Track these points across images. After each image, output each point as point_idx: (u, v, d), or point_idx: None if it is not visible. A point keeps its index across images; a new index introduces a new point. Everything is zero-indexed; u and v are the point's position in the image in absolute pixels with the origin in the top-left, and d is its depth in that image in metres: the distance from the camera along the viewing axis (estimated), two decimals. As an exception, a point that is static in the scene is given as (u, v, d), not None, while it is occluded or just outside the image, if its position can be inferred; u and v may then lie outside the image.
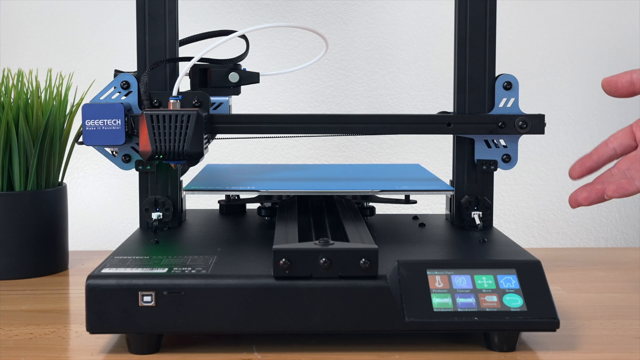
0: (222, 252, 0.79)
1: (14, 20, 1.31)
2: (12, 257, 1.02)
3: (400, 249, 0.81)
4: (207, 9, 1.32)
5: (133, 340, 0.73)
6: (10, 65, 1.12)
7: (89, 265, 1.06)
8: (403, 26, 1.34)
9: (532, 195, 1.37)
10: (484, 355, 0.73)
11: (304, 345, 0.75)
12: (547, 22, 1.34)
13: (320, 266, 0.71)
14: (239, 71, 0.93)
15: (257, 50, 1.29)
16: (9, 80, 1.03)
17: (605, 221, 1.37)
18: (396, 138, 1.35)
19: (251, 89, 1.21)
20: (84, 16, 1.32)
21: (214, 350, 0.74)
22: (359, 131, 0.91)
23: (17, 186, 1.02)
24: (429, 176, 0.99)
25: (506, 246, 0.83)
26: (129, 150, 0.89)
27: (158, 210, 0.91)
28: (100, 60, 1.31)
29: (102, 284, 0.71)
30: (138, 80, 0.88)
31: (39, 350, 0.75)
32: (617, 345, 0.76)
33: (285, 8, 1.33)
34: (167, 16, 0.89)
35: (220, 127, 0.89)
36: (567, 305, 0.89)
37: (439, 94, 1.34)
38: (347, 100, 1.34)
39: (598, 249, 1.33)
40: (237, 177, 0.99)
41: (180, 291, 0.71)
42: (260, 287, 0.71)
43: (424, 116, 0.91)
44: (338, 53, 1.34)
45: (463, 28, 0.91)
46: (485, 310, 0.72)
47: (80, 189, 1.34)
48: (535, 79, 1.34)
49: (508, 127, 0.89)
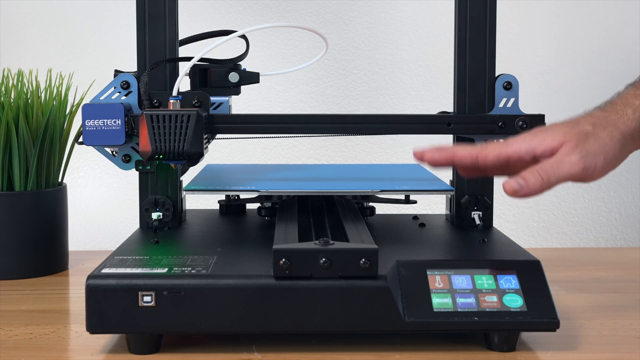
0: (222, 252, 0.79)
1: (14, 20, 1.31)
2: (12, 257, 1.02)
3: (400, 249, 0.81)
4: (207, 9, 1.32)
5: (133, 340, 0.73)
6: (10, 65, 1.12)
7: (89, 265, 1.06)
8: (403, 26, 1.34)
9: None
10: (484, 355, 0.73)
11: (304, 345, 0.75)
12: (547, 22, 1.34)
13: (320, 266, 0.71)
14: (239, 71, 0.93)
15: (257, 50, 1.29)
16: (9, 80, 1.03)
17: (605, 221, 1.37)
18: (396, 138, 1.34)
19: (251, 89, 1.21)
20: (84, 16, 1.32)
21: (214, 350, 0.74)
22: (359, 131, 0.91)
23: (17, 186, 1.02)
24: (429, 176, 0.99)
25: (506, 246, 0.83)
26: (129, 150, 0.89)
27: (158, 210, 0.91)
28: (100, 60, 1.31)
29: (102, 284, 0.71)
30: (138, 80, 0.88)
31: (39, 350, 0.75)
32: (617, 345, 0.76)
33: (285, 8, 1.33)
34: (167, 16, 0.89)
35: (220, 127, 0.89)
36: (567, 305, 0.89)
37: (439, 94, 1.34)
38: (347, 100, 1.34)
39: (598, 249, 1.33)
40: (237, 177, 0.99)
41: (180, 291, 0.71)
42: (260, 287, 0.71)
43: (424, 116, 0.91)
44: (338, 53, 1.34)
45: (463, 28, 0.91)
46: (485, 310, 0.72)
47: (80, 189, 1.34)
48: (535, 79, 1.34)
49: (508, 127, 0.89)
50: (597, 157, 0.75)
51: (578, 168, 0.74)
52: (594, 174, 0.76)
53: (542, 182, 0.73)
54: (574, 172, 0.74)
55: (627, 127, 0.78)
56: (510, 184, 0.73)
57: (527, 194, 0.73)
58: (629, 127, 0.78)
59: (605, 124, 0.78)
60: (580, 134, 0.76)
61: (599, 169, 0.75)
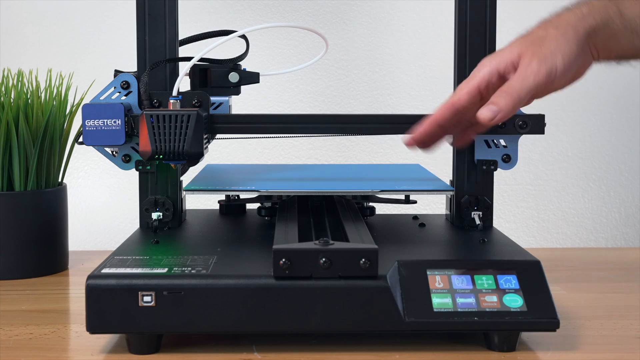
0: (222, 252, 0.79)
1: (14, 20, 1.31)
2: (12, 257, 1.02)
3: (400, 249, 0.81)
4: (207, 9, 1.32)
5: (133, 340, 0.73)
6: (10, 65, 1.12)
7: (89, 265, 1.06)
8: (403, 26, 1.34)
9: (532, 195, 1.37)
10: (484, 355, 0.73)
11: (304, 345, 0.75)
12: (547, 22, 1.34)
13: (320, 266, 0.71)
14: (239, 71, 0.93)
15: (257, 50, 1.29)
16: (9, 80, 1.03)
17: (605, 221, 1.37)
18: (396, 138, 1.34)
19: (251, 89, 1.21)
20: (84, 16, 1.32)
21: (214, 350, 0.74)
22: (359, 131, 0.91)
23: (17, 186, 1.02)
24: (429, 176, 0.99)
25: (506, 246, 0.83)
26: (129, 150, 0.89)
27: (158, 210, 0.91)
28: (100, 60, 1.31)
29: (102, 284, 0.71)
30: (138, 80, 0.88)
31: (39, 350, 0.75)
32: (617, 345, 0.76)
33: (285, 8, 1.33)
34: (167, 16, 0.89)
35: (220, 127, 0.89)
36: (567, 305, 0.89)
37: (439, 94, 1.34)
38: (347, 100, 1.34)
39: (598, 249, 1.33)
40: (237, 177, 0.99)
41: (180, 291, 0.71)
42: (260, 287, 0.71)
43: (424, 116, 0.91)
44: (338, 53, 1.34)
45: (463, 28, 0.91)
46: (485, 310, 0.72)
47: (80, 189, 1.34)
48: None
49: (508, 127, 0.89)
50: (554, 57, 0.74)
51: (542, 75, 0.74)
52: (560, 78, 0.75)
53: (512, 100, 0.73)
54: (539, 80, 0.74)
55: (582, 23, 0.76)
56: (483, 113, 0.73)
57: (504, 117, 0.73)
58: (585, 23, 0.76)
59: (557, 23, 0.77)
60: (535, 40, 0.76)
61: (560, 68, 0.74)
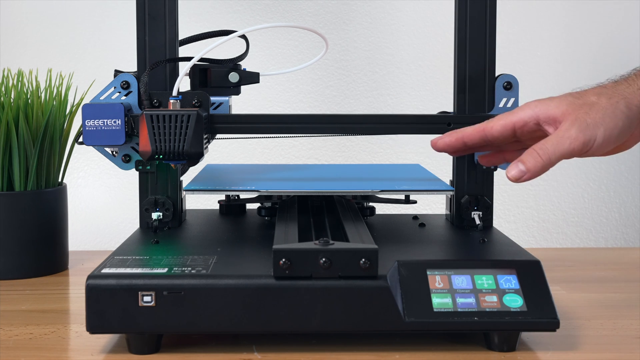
0: (222, 252, 0.79)
1: (14, 20, 1.31)
2: (12, 257, 1.02)
3: (400, 249, 0.81)
4: (207, 9, 1.32)
5: (133, 340, 0.73)
6: (10, 65, 1.12)
7: (89, 265, 1.06)
8: (403, 26, 1.34)
9: (532, 195, 1.37)
10: (484, 355, 0.73)
11: (304, 345, 0.75)
12: (547, 22, 1.34)
13: (320, 266, 0.71)
14: (239, 71, 0.93)
15: (257, 50, 1.29)
16: (9, 80, 1.03)
17: (605, 221, 1.37)
18: (396, 138, 1.35)
19: (251, 89, 1.21)
20: (84, 16, 1.32)
21: (214, 350, 0.74)
22: (359, 131, 0.91)
23: (17, 186, 1.02)
24: (429, 176, 0.99)
25: (506, 246, 0.83)
26: (129, 150, 0.89)
27: (158, 210, 0.91)
28: (100, 60, 1.31)
29: (102, 284, 0.71)
30: (138, 80, 0.88)
31: (39, 350, 0.75)
32: (617, 345, 0.76)
33: (285, 8, 1.33)
34: (167, 16, 0.89)
35: (220, 127, 0.89)
36: (567, 305, 0.89)
37: (439, 94, 1.34)
38: (347, 100, 1.34)
39: (598, 249, 1.33)
40: (237, 177, 0.99)
41: (180, 291, 0.71)
42: (260, 287, 0.71)
43: (424, 116, 0.91)
44: (338, 53, 1.34)
45: (463, 28, 0.91)
46: (485, 310, 0.72)
47: (80, 189, 1.34)
48: (535, 79, 1.34)
49: (508, 127, 0.89)
50: (596, 129, 0.73)
51: (578, 143, 0.72)
52: (596, 148, 0.73)
53: (542, 162, 0.72)
54: (574, 148, 0.72)
55: (635, 97, 0.74)
56: (511, 171, 0.72)
57: (530, 178, 0.72)
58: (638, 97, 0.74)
59: (612, 93, 0.75)
60: (584, 105, 0.74)
61: (599, 141, 0.73)
